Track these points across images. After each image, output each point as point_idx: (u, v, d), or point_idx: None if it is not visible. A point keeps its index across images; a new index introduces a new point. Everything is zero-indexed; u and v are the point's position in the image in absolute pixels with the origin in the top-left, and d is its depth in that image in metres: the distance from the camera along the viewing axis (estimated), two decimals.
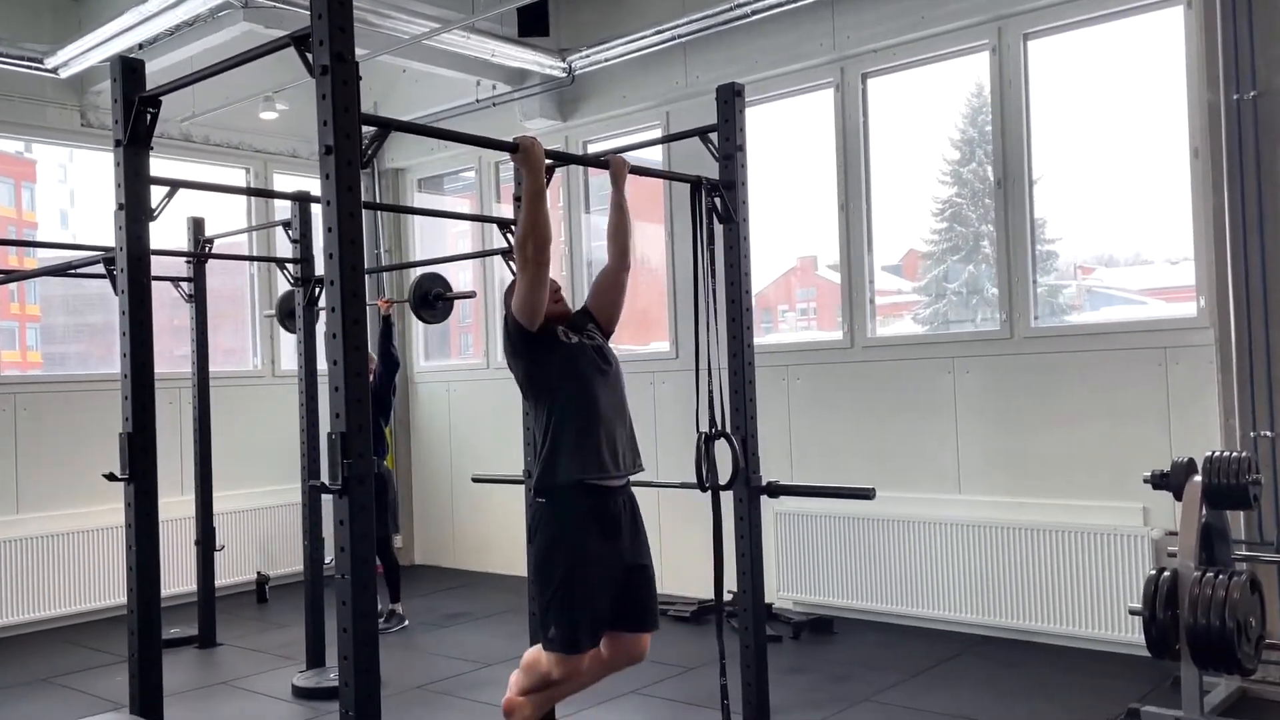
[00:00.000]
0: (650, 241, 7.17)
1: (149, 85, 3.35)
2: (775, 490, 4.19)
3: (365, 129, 2.87)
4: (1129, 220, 5.70)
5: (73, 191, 8.15)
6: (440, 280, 5.94)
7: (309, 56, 2.77)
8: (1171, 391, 5.16)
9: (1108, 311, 5.94)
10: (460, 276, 9.04)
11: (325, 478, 2.74)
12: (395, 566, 6.60)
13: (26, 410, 6.82)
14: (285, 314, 6.38)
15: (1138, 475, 4.48)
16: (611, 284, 3.64)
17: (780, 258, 7.03)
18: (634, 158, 3.94)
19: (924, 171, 6.25)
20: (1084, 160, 5.65)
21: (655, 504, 6.07)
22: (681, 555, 6.36)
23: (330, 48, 2.71)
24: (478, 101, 7.47)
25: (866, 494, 4.06)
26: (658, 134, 6.73)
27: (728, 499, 4.03)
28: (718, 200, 4.12)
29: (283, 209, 7.37)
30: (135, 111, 3.29)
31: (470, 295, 5.94)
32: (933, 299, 6.51)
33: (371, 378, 6.12)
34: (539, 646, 3.43)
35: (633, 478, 3.50)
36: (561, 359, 3.38)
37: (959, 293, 6.34)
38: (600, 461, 3.33)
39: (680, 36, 6.40)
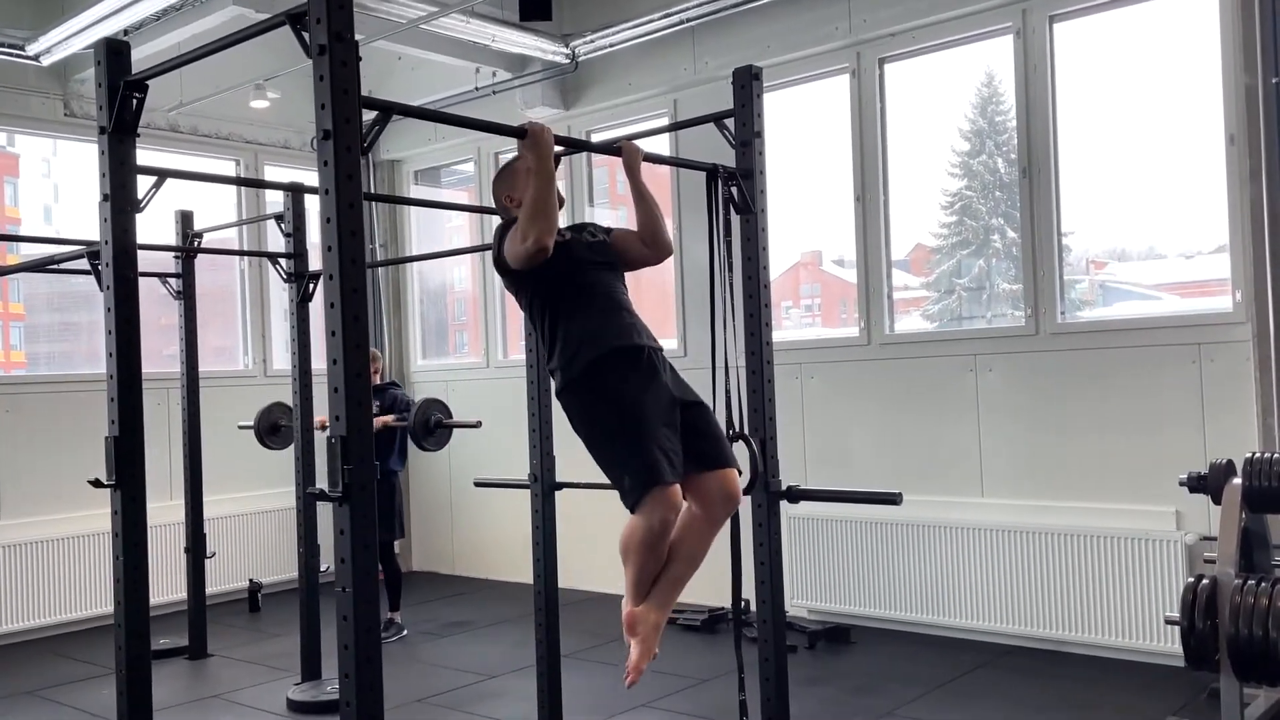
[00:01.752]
0: None
1: (135, 70, 3.15)
2: (796, 495, 3.99)
3: (366, 113, 2.68)
4: (1146, 212, 5.53)
5: (57, 186, 7.92)
6: (442, 407, 5.95)
7: (305, 35, 2.59)
8: (1206, 389, 4.97)
9: (1132, 306, 5.75)
10: (458, 272, 8.84)
11: (325, 484, 2.56)
12: (397, 574, 6.44)
13: (10, 412, 6.59)
14: (266, 430, 6.20)
15: (1170, 477, 4.31)
16: (636, 259, 3.45)
17: (785, 253, 6.82)
18: (642, 146, 3.72)
19: (933, 164, 6.07)
20: (1101, 150, 5.46)
21: None
22: None
23: (329, 25, 2.52)
24: (476, 89, 7.24)
25: (893, 499, 3.86)
26: (664, 122, 6.53)
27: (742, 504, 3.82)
28: (734, 190, 3.91)
29: (274, 203, 7.16)
30: (121, 96, 3.10)
31: (475, 425, 5.84)
32: (941, 294, 6.32)
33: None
34: (625, 529, 3.11)
35: None
36: (553, 261, 3.14)
37: (969, 288, 6.15)
38: (620, 331, 3.18)
39: (689, 20, 6.17)
